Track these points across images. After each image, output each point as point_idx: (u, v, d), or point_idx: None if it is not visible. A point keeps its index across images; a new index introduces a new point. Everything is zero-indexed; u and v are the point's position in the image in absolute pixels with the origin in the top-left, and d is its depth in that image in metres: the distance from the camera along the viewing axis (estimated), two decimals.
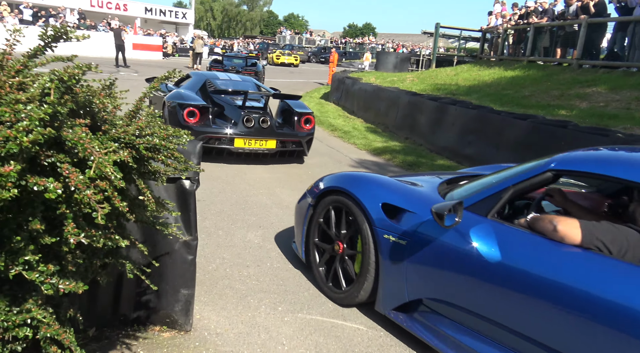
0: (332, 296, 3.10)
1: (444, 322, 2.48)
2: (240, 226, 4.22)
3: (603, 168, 2.18)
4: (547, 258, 2.06)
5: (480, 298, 2.27)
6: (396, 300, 2.70)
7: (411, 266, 2.58)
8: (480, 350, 2.27)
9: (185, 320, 2.60)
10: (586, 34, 11.69)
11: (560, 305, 1.95)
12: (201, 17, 61.56)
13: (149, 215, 1.58)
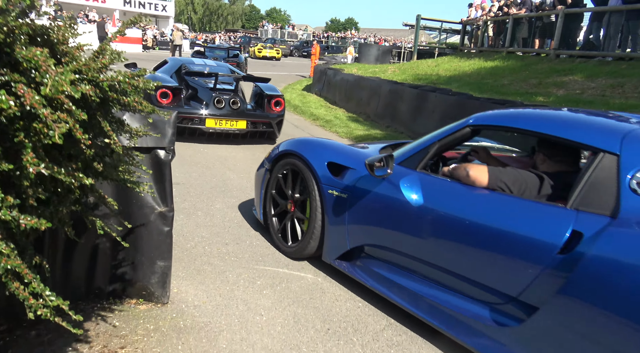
0: (283, 250, 3.38)
1: (380, 265, 2.80)
2: (220, 208, 4.20)
3: (511, 121, 2.50)
4: (461, 199, 2.39)
5: (408, 240, 2.58)
6: (339, 249, 2.98)
7: (351, 216, 2.87)
8: (410, 286, 2.59)
9: (162, 293, 2.58)
10: (563, 25, 11.88)
11: (471, 239, 2.27)
12: (182, 11, 60.81)
13: (121, 174, 1.56)
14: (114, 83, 1.11)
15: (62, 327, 2.30)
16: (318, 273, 3.14)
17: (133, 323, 2.39)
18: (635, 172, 1.96)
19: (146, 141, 2.37)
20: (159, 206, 2.48)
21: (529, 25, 13.71)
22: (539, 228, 2.05)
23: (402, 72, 13.50)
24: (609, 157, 2.04)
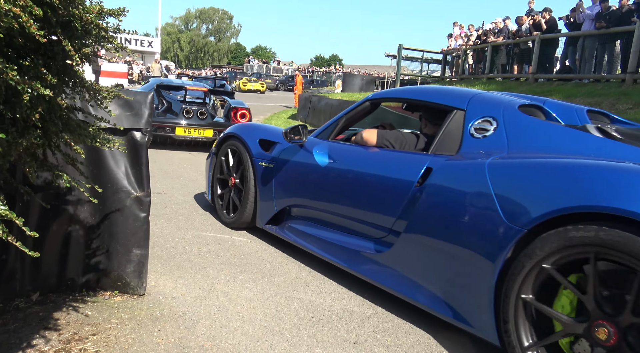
0: (225, 221, 3.82)
1: (300, 223, 3.25)
2: (202, 213, 4.11)
3: (398, 93, 3.28)
4: (354, 156, 2.93)
5: (318, 196, 3.07)
6: (269, 214, 3.42)
7: (276, 183, 3.35)
8: (321, 235, 3.03)
9: (139, 283, 2.47)
10: (540, 50, 12.24)
11: (360, 186, 2.78)
12: (168, 48, 61.64)
13: (91, 135, 1.50)
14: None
15: (30, 316, 2.20)
16: (302, 268, 3.05)
17: (107, 313, 2.27)
18: (474, 122, 2.56)
19: (121, 121, 2.32)
20: (135, 190, 2.40)
21: (507, 52, 14.11)
22: (405, 170, 2.55)
23: None
24: (459, 112, 2.64)
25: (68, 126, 1.41)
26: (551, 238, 1.77)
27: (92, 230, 2.39)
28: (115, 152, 2.37)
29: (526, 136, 2.38)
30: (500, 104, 2.59)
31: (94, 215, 2.39)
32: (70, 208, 2.34)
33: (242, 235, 3.61)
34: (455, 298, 2.18)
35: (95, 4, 1.17)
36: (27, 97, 1.02)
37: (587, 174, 1.82)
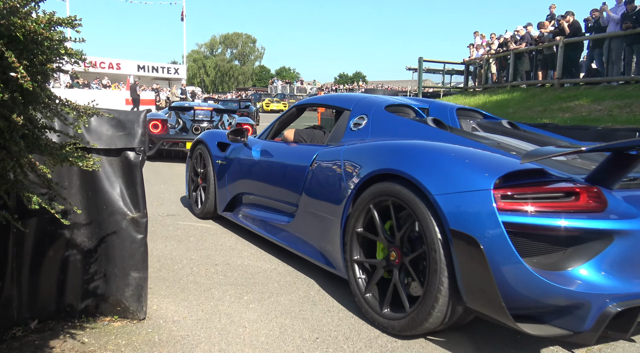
0: (195, 212, 4.62)
1: (245, 207, 3.96)
2: (214, 233, 4.05)
3: (313, 100, 4.12)
4: (277, 150, 3.64)
5: (254, 183, 3.78)
6: (224, 202, 4.17)
7: (229, 176, 4.09)
8: (257, 215, 3.71)
9: (138, 307, 2.39)
10: (564, 54, 11.92)
11: (279, 173, 3.47)
12: (195, 74, 63.14)
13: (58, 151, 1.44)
14: None
15: (26, 345, 2.15)
16: (311, 287, 2.93)
17: (104, 339, 2.20)
18: (354, 118, 3.24)
19: (115, 141, 2.29)
20: (131, 211, 2.35)
21: (530, 59, 13.81)
22: (305, 158, 3.19)
23: None
24: (346, 112, 3.35)
25: (36, 145, 1.36)
26: (371, 189, 2.49)
27: (89, 253, 2.34)
28: (110, 173, 2.33)
29: (383, 127, 3.08)
30: (373, 105, 3.27)
31: (91, 239, 2.34)
32: (67, 233, 2.30)
33: (252, 255, 3.52)
34: (325, 249, 2.89)
35: (49, 14, 1.12)
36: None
37: (390, 150, 2.57)
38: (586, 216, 1.96)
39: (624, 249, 1.97)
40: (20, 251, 2.23)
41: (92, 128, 2.26)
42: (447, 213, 2.08)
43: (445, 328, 2.24)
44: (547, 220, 1.94)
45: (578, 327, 1.96)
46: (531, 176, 2.06)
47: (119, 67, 32.60)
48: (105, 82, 28.25)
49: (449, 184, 2.13)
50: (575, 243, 1.98)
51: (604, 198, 2.00)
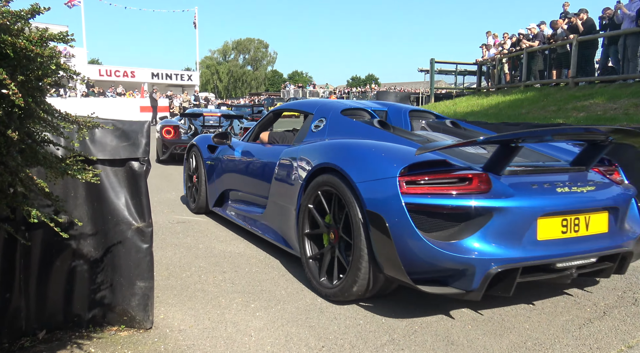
0: (190, 208, 5.17)
1: (231, 201, 4.45)
2: (223, 240, 4.06)
3: (286, 106, 4.57)
4: (255, 151, 4.08)
5: (235, 180, 4.28)
6: (213, 198, 4.69)
7: (216, 174, 4.61)
8: (239, 208, 4.19)
9: (144, 316, 2.40)
10: (578, 53, 11.74)
11: (256, 170, 3.93)
12: (208, 80, 63.62)
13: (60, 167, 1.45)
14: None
15: None
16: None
17: (110, 349, 2.21)
18: (315, 121, 3.70)
19: (119, 152, 2.30)
20: (136, 221, 2.36)
21: (544, 58, 13.63)
22: (274, 157, 3.63)
23: None
24: (310, 116, 3.82)
25: (34, 159, 1.37)
26: (316, 180, 2.96)
27: (95, 263, 2.36)
28: (115, 183, 2.34)
29: (338, 129, 3.50)
30: (331, 109, 3.71)
31: (97, 249, 2.36)
32: (73, 243, 2.32)
33: (260, 262, 3.52)
34: (285, 233, 3.37)
35: (41, 30, 1.13)
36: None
37: (329, 147, 3.06)
38: (474, 197, 2.43)
39: (503, 222, 2.41)
40: (28, 262, 2.25)
41: (96, 139, 2.28)
42: (365, 197, 2.55)
43: (374, 295, 2.71)
44: (442, 201, 2.42)
45: (468, 286, 2.41)
46: (434, 165, 2.53)
47: (133, 75, 33.03)
48: (119, 90, 28.62)
49: (367, 173, 2.61)
50: (465, 218, 2.44)
51: (490, 181, 2.48)
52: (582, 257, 2.57)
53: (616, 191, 2.82)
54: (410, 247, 2.39)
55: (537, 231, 2.47)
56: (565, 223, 2.55)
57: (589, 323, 2.54)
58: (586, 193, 2.66)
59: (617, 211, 2.76)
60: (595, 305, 2.78)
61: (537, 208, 2.47)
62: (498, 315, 2.63)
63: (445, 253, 2.36)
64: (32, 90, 1.20)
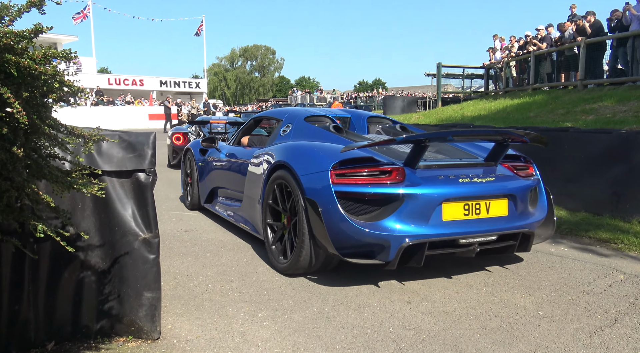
0: (186, 205, 5.77)
1: (219, 198, 5.00)
2: (230, 249, 4.06)
3: (265, 114, 5.11)
4: (236, 153, 4.63)
5: (221, 178, 4.89)
6: (204, 196, 5.28)
7: (206, 174, 5.21)
8: (226, 203, 4.73)
9: (152, 327, 2.41)
10: (586, 55, 11.66)
11: (236, 169, 4.48)
12: (215, 87, 63.96)
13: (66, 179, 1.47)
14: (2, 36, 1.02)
15: None
16: (325, 302, 2.90)
17: None
18: (283, 127, 4.24)
19: (125, 164, 2.32)
20: (143, 232, 2.37)
21: (552, 61, 13.55)
22: (249, 156, 4.18)
23: (427, 117, 13.45)
24: (280, 122, 4.41)
25: (40, 174, 1.38)
26: (274, 175, 3.52)
27: (103, 274, 2.38)
28: (121, 194, 2.36)
29: (301, 133, 4.02)
30: (296, 116, 4.28)
31: (105, 260, 2.37)
32: (81, 254, 2.34)
33: (267, 270, 3.52)
34: (254, 221, 3.93)
35: (45, 48, 1.15)
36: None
37: (284, 148, 3.64)
38: (390, 186, 3.01)
39: (413, 206, 2.99)
40: (36, 274, 2.27)
41: (103, 151, 2.30)
42: (305, 187, 3.16)
43: (320, 268, 3.26)
44: (365, 189, 3.02)
45: (386, 258, 3.00)
46: (362, 161, 3.12)
47: (142, 84, 33.29)
48: (128, 98, 28.87)
49: (308, 168, 3.21)
50: (383, 203, 3.03)
51: (405, 173, 3.08)
52: (483, 235, 3.14)
53: (516, 183, 3.34)
54: (339, 227, 2.99)
55: (442, 213, 3.05)
56: (467, 207, 3.12)
57: (600, 331, 2.51)
58: (486, 183, 3.20)
59: (516, 199, 3.28)
60: (607, 312, 2.75)
61: (441, 195, 3.03)
62: (507, 323, 2.61)
63: (367, 231, 2.95)
64: (37, 107, 1.21)
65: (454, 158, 3.58)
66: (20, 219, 1.42)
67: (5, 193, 1.30)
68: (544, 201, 3.61)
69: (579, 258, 3.77)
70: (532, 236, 3.36)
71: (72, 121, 1.57)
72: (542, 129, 6.02)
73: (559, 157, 5.47)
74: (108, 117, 24.14)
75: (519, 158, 3.63)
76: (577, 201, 5.17)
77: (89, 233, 2.33)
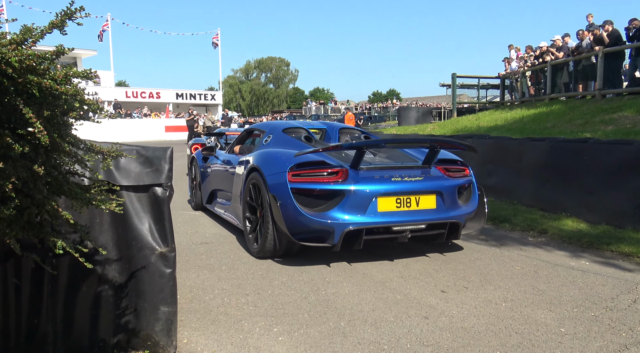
0: (192, 206, 6.61)
1: (218, 199, 5.69)
2: (246, 262, 4.06)
3: (254, 126, 5.80)
4: (230, 159, 5.32)
5: (217, 181, 5.63)
6: (205, 197, 6.07)
7: (206, 178, 6.01)
8: (221, 203, 5.47)
9: (168, 341, 2.41)
10: (604, 64, 11.52)
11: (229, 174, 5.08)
12: (231, 99, 64.59)
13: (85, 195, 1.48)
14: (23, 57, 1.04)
15: None
16: (341, 317, 2.87)
17: None
18: (265, 137, 4.95)
19: (142, 178, 2.34)
20: (160, 246, 2.38)
21: (569, 70, 13.41)
22: (236, 164, 4.87)
23: (442, 128, 13.37)
24: (263, 133, 5.16)
25: (60, 191, 1.40)
26: (251, 175, 4.25)
27: (120, 289, 2.38)
28: (139, 209, 2.37)
29: (278, 143, 4.73)
30: (276, 128, 5.04)
31: (121, 274, 2.38)
32: (99, 268, 2.35)
33: (282, 284, 3.50)
34: (238, 215, 4.63)
35: (66, 68, 1.17)
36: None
37: (258, 154, 4.32)
38: (335, 184, 3.76)
39: (353, 200, 3.72)
40: (55, 287, 2.29)
41: (120, 166, 2.32)
42: (269, 184, 3.89)
43: (285, 253, 4.04)
44: (315, 186, 3.78)
45: (332, 242, 3.73)
46: (315, 164, 3.86)
47: (158, 96, 33.76)
48: (145, 111, 29.28)
49: (272, 169, 3.94)
50: (330, 197, 3.78)
51: (349, 174, 3.82)
52: (413, 224, 3.84)
53: (445, 182, 4.04)
54: (294, 217, 3.73)
55: (378, 206, 3.77)
56: (399, 201, 3.82)
57: (625, 350, 2.44)
58: (415, 181, 3.91)
59: (443, 195, 3.96)
60: (632, 330, 2.67)
61: (375, 191, 3.76)
62: (528, 340, 2.55)
63: (317, 220, 3.70)
64: (58, 125, 1.23)
65: (397, 161, 4.32)
66: (40, 235, 1.43)
67: (26, 210, 1.32)
68: (475, 197, 4.29)
69: (601, 273, 3.68)
70: (460, 226, 4.06)
71: (90, 134, 1.59)
72: (560, 140, 5.94)
73: (579, 168, 5.39)
74: (125, 129, 24.49)
75: (456, 162, 4.36)
76: (598, 213, 5.07)
77: (106, 247, 2.34)
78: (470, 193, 4.31)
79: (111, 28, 31.61)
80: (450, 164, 4.27)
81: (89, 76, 1.21)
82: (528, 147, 6.25)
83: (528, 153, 6.23)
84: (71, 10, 1.13)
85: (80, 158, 1.44)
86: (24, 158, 1.16)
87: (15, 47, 1.02)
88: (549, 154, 5.87)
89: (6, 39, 1.03)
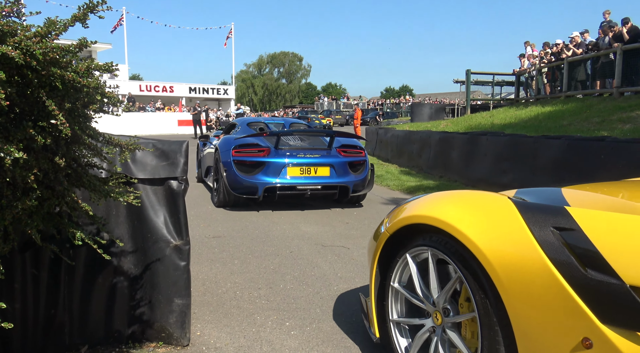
0: (196, 180, 8.62)
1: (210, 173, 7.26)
2: (258, 256, 4.08)
3: (235, 121, 7.88)
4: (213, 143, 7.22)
5: (208, 159, 7.56)
6: (203, 172, 8.02)
7: (203, 158, 8.11)
8: (210, 175, 7.33)
9: (182, 334, 2.43)
10: (623, 61, 11.33)
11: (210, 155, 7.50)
12: (243, 94, 64.78)
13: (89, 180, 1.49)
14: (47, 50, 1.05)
15: None
16: (354, 312, 2.88)
17: None
18: (235, 129, 7.30)
19: (158, 171, 2.36)
20: (174, 239, 2.40)
21: (586, 67, 13.22)
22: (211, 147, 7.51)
23: (455, 125, 13.27)
24: (237, 124, 7.43)
25: (80, 183, 1.41)
26: (215, 153, 6.52)
27: (135, 281, 2.41)
28: (154, 202, 2.39)
29: (242, 132, 6.63)
30: (243, 122, 7.24)
31: (137, 266, 2.41)
32: (115, 260, 2.38)
33: (295, 278, 3.51)
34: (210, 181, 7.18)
35: (87, 61, 1.18)
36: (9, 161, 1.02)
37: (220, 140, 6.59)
38: (261, 157, 5.81)
39: (271, 168, 5.77)
40: (72, 278, 2.32)
41: (137, 159, 2.34)
42: (222, 159, 5.97)
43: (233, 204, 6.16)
44: (249, 159, 5.82)
45: (257, 195, 5.80)
46: (250, 145, 5.92)
47: (171, 90, 33.97)
48: (158, 105, 29.49)
49: (223, 148, 6.04)
50: (257, 166, 5.81)
51: (271, 151, 5.86)
52: (312, 185, 5.84)
53: (337, 158, 6.00)
54: (235, 179, 5.80)
55: (287, 172, 5.77)
56: (302, 170, 5.82)
57: None
58: (314, 157, 5.90)
59: (334, 167, 5.91)
60: None
61: (286, 163, 5.76)
62: None
63: (249, 181, 5.75)
64: (79, 117, 1.24)
65: (311, 145, 6.20)
66: (59, 227, 1.45)
67: (47, 201, 1.34)
68: (366, 171, 6.25)
69: None
70: (349, 189, 6.04)
71: (105, 127, 1.60)
72: (577, 139, 5.86)
73: (595, 167, 5.32)
74: (138, 123, 24.67)
75: (355, 147, 6.32)
76: None
77: (122, 239, 2.37)
78: (363, 168, 6.26)
79: (126, 22, 31.81)
80: (350, 148, 6.23)
81: (110, 69, 1.22)
82: (543, 145, 6.19)
83: (543, 150, 6.16)
84: (93, 4, 1.14)
85: (99, 151, 1.46)
86: (46, 149, 1.17)
87: (39, 40, 1.04)
88: (564, 152, 5.81)
89: (31, 32, 1.04)
